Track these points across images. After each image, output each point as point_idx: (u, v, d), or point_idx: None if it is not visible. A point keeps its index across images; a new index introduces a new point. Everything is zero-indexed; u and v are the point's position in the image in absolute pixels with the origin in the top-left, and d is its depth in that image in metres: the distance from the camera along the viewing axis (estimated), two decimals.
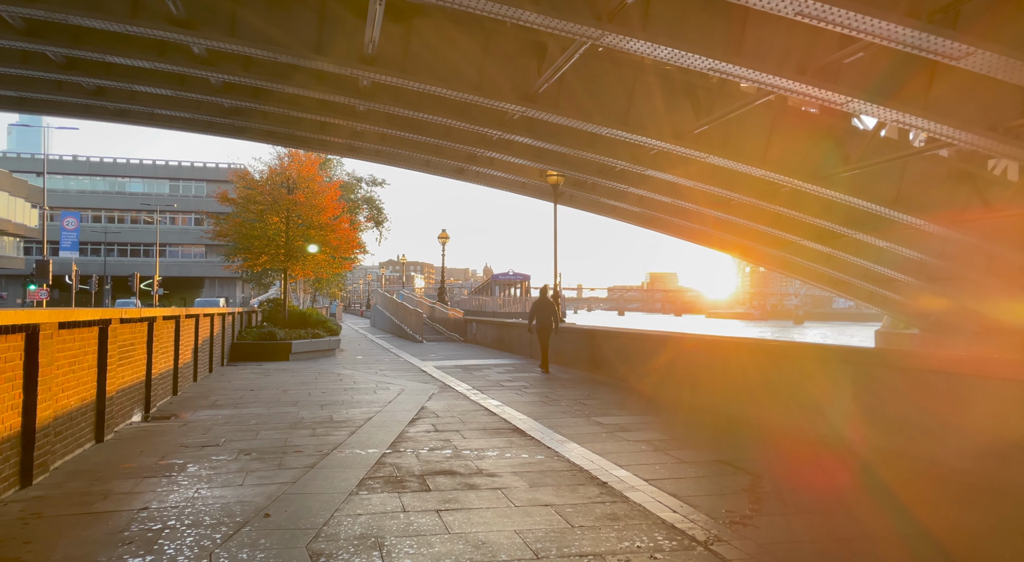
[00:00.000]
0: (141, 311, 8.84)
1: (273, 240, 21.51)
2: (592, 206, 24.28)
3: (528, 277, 62.37)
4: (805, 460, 6.82)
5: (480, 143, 17.88)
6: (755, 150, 14.49)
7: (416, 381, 13.39)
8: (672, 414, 9.57)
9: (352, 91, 14.67)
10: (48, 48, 12.94)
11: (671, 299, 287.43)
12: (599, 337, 14.49)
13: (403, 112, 15.33)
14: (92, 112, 18.40)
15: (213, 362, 14.92)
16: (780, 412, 8.47)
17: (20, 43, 12.56)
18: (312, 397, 10.97)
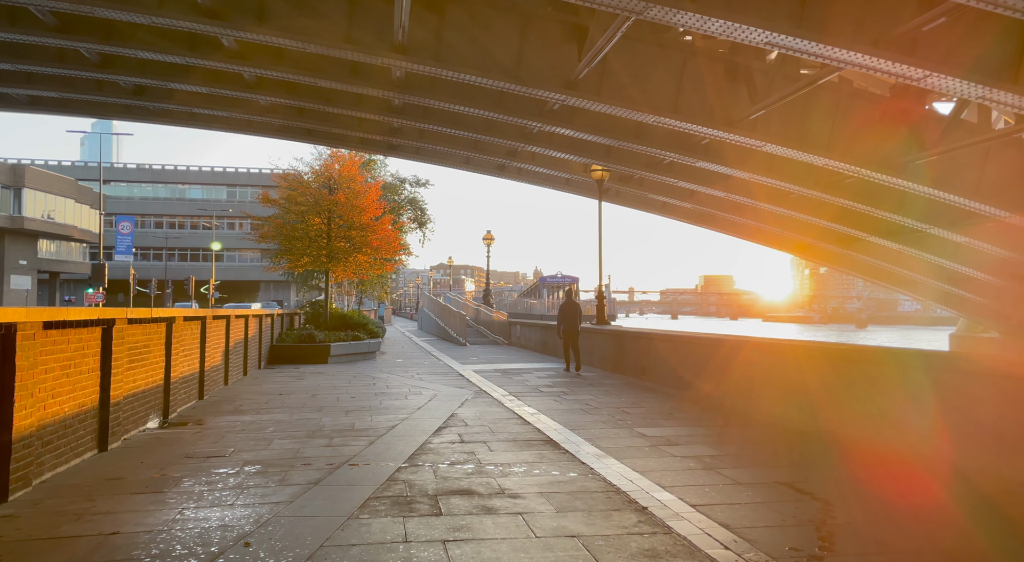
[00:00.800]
0: (152, 311, 8.43)
1: (315, 241, 21.27)
2: (640, 203, 23.25)
3: (576, 279, 61.39)
4: (881, 483, 5.86)
5: (520, 137, 17.16)
6: (818, 137, 13.33)
7: (451, 386, 12.75)
8: (725, 425, 8.65)
9: (385, 83, 14.18)
10: (81, 44, 12.84)
11: (726, 302, 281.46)
12: (646, 340, 13.60)
13: (438, 104, 14.75)
14: (133, 112, 18.47)
15: (248, 365, 14.61)
16: (848, 424, 7.49)
17: (53, 40, 12.49)
18: (340, 402, 10.44)
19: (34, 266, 64.59)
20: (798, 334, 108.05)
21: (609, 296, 56.59)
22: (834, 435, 7.49)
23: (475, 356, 20.62)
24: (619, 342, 14.95)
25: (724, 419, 9.02)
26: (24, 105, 17.82)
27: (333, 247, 21.15)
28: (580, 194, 23.70)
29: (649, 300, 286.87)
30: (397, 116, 16.84)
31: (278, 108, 17.84)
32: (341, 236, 21.48)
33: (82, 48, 13.32)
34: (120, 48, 13.05)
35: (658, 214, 24.03)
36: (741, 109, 13.17)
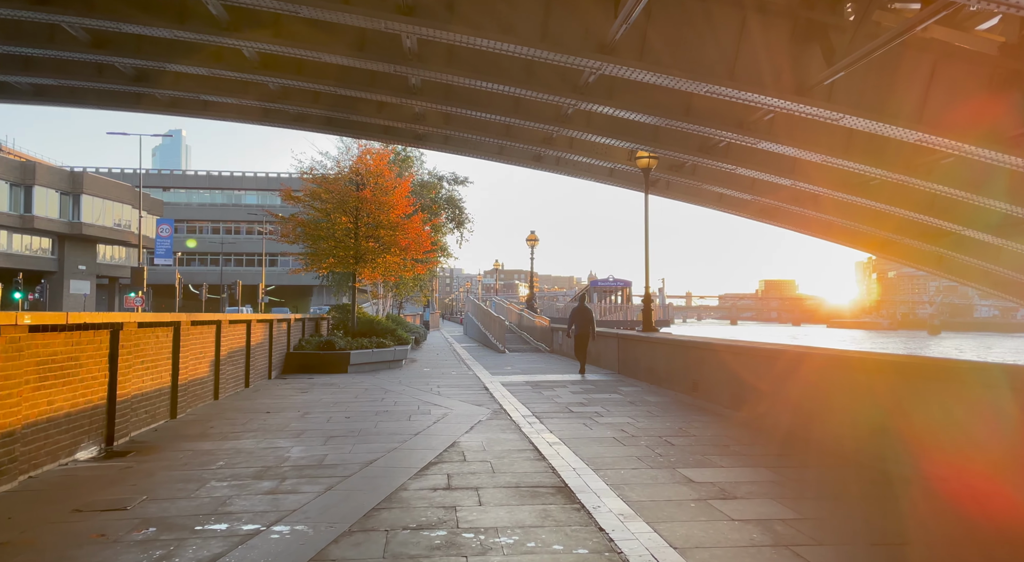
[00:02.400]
0: (95, 316, 6.98)
1: (341, 241, 19.94)
2: (693, 195, 21.03)
3: (629, 283, 59.00)
4: None
5: (554, 119, 15.36)
6: (906, 106, 11.05)
7: (468, 402, 11.04)
8: (798, 464, 6.67)
9: (397, 56, 12.63)
10: (63, 18, 11.71)
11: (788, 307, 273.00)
12: (698, 351, 11.60)
13: (459, 81, 13.13)
14: (144, 102, 17.51)
15: (252, 375, 13.24)
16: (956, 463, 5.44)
17: (31, 14, 11.37)
18: (328, 424, 8.86)
19: (93, 271, 66.07)
20: (866, 341, 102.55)
21: (663, 301, 54.06)
22: (945, 478, 5.45)
23: (509, 365, 18.88)
24: (667, 353, 12.98)
25: (794, 452, 7.03)
26: (30, 96, 17.06)
27: (361, 247, 19.78)
28: (626, 186, 21.60)
29: (707, 305, 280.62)
30: (416, 97, 15.29)
31: (291, 92, 16.52)
32: (369, 235, 20.11)
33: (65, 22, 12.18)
34: (104, 20, 11.88)
35: (714, 208, 21.74)
36: (813, 73, 11.02)
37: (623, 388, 12.98)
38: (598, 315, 52.80)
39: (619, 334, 16.29)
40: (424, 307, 49.70)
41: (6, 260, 55.87)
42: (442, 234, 28.79)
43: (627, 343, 15.49)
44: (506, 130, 17.48)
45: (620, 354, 15.98)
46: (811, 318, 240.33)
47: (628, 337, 15.41)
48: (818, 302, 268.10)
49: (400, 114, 17.58)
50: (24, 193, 57.00)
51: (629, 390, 12.63)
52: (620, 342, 16.04)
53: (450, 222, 28.48)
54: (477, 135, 18.08)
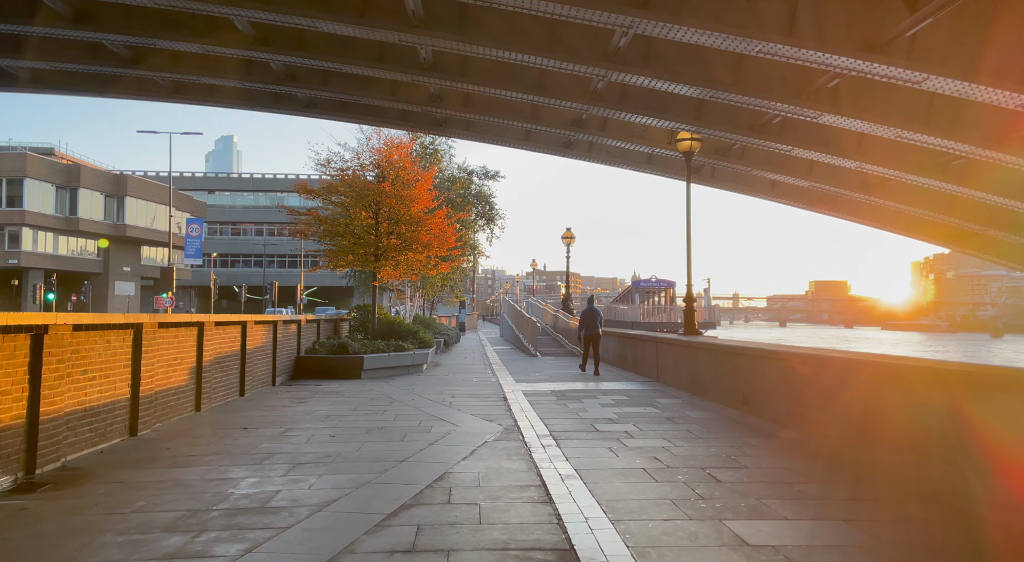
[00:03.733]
0: (10, 316, 5.75)
1: (361, 238, 18.73)
2: (741, 182, 19.03)
3: (673, 284, 56.83)
4: None
5: (584, 96, 13.76)
6: (1008, 63, 9.06)
7: (480, 417, 9.58)
8: (890, 514, 5.01)
9: (402, 23, 11.25)
10: None
11: (840, 309, 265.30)
12: (748, 359, 9.91)
13: (473, 50, 11.70)
14: (147, 89, 16.58)
15: (249, 383, 12.03)
16: None
17: None
18: (308, 445, 7.51)
19: (137, 273, 66.90)
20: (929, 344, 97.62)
21: (708, 302, 51.79)
22: None
23: (538, 371, 17.36)
24: (712, 360, 11.30)
25: (882, 496, 5.35)
26: (28, 83, 16.31)
27: (381, 244, 18.54)
28: (666, 174, 19.76)
29: (755, 307, 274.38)
30: (430, 74, 13.88)
31: (297, 72, 15.27)
32: (390, 231, 18.85)
33: None
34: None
35: (765, 197, 19.72)
36: (889, 24, 9.15)
37: (660, 400, 11.35)
38: (640, 317, 50.83)
39: (657, 338, 14.64)
40: (459, 308, 48.48)
41: (53, 262, 56.79)
42: (472, 231, 27.42)
43: (666, 348, 13.84)
44: (532, 112, 15.91)
45: (658, 360, 14.34)
46: (864, 320, 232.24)
47: (667, 341, 13.75)
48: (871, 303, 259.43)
49: (415, 95, 16.20)
50: (70, 196, 57.88)
51: (667, 403, 11.00)
52: (658, 347, 14.39)
53: (480, 218, 27.11)
54: (501, 118, 16.52)
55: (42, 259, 55.60)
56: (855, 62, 9.68)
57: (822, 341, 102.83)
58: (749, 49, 10.07)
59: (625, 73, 11.85)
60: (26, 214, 53.49)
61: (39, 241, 55.82)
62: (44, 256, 56.03)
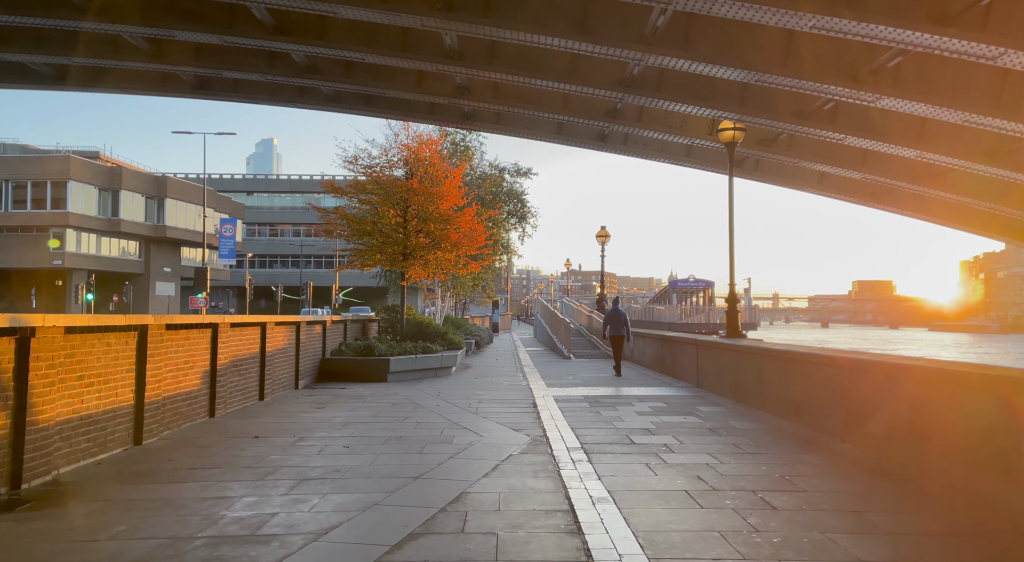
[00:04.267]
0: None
1: (389, 237, 18.26)
2: (787, 175, 17.88)
3: (712, 283, 55.39)
4: None
5: (619, 83, 12.96)
6: None
7: (506, 425, 8.94)
8: (988, 556, 4.21)
9: (425, 4, 10.65)
10: None
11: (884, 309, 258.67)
12: (798, 365, 9.07)
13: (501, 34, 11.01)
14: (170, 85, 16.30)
15: (270, 386, 11.59)
16: None
17: None
18: (319, 457, 6.96)
19: (177, 273, 67.91)
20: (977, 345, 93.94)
21: (749, 303, 50.35)
22: None
23: (571, 374, 16.65)
24: (759, 365, 10.47)
25: (969, 531, 4.55)
26: (52, 80, 16.21)
27: (410, 243, 18.04)
28: (707, 167, 18.77)
29: (795, 307, 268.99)
30: (456, 63, 13.26)
31: (320, 64, 14.78)
32: (419, 230, 18.35)
33: None
34: None
35: (812, 191, 18.57)
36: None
37: (702, 408, 10.56)
38: (678, 318, 49.64)
39: (697, 340, 13.82)
40: (492, 309, 47.94)
41: (96, 263, 57.93)
42: (504, 230, 26.80)
43: (707, 351, 13.02)
44: (563, 102, 15.17)
45: (699, 364, 13.51)
46: (910, 320, 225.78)
47: (709, 344, 12.93)
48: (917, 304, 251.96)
49: (441, 87, 15.61)
50: (112, 197, 58.98)
51: (709, 411, 10.21)
52: (699, 350, 13.57)
53: (512, 217, 26.45)
54: (531, 110, 15.80)
55: (85, 260, 56.74)
56: (922, 36, 8.70)
57: (866, 342, 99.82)
58: (801, 24, 9.17)
59: (663, 55, 11.02)
60: (70, 216, 54.61)
61: (83, 242, 56.97)
62: (87, 257, 57.17)
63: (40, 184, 54.94)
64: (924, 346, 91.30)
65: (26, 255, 54.95)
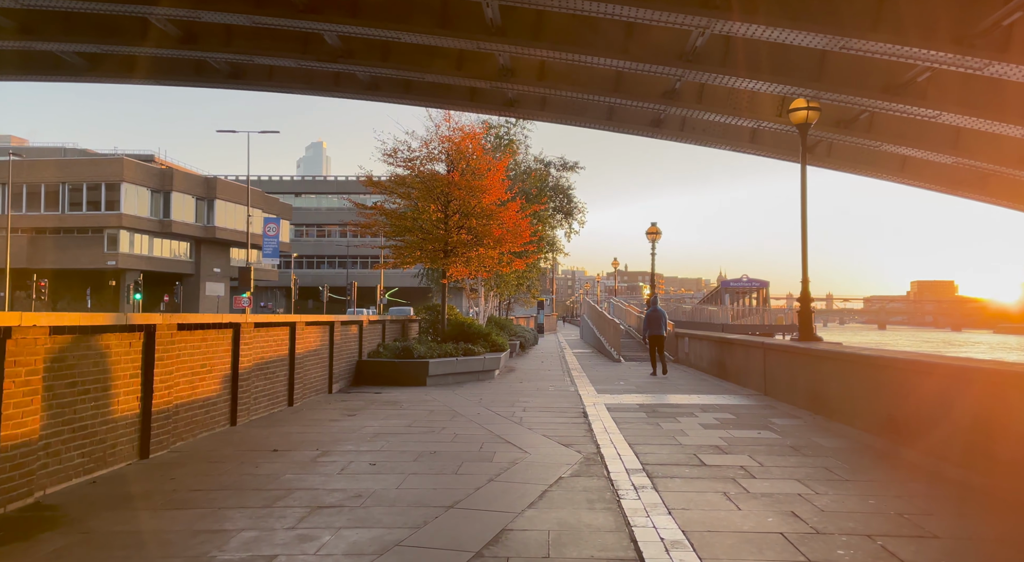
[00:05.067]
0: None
1: (430, 234, 17.43)
2: (864, 161, 16.12)
3: (766, 284, 53.31)
4: None
5: (678, 58, 11.72)
6: None
7: (555, 439, 7.92)
8: None
9: None
10: None
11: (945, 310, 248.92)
12: (896, 373, 7.79)
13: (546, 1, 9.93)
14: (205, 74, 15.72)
15: (300, 390, 10.83)
16: None
17: None
18: (340, 477, 6.07)
19: (227, 273, 68.83)
20: None
21: None
22: None
23: (623, 379, 15.52)
24: (843, 372, 9.20)
25: None
26: (84, 72, 15.86)
27: (451, 240, 17.17)
28: (772, 154, 17.26)
29: (850, 308, 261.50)
30: (498, 40, 12.24)
31: (354, 47, 13.96)
32: (460, 225, 17.47)
33: None
34: None
35: (892, 179, 16.88)
36: None
37: (776, 420, 9.35)
38: (730, 319, 47.77)
39: (765, 343, 12.56)
40: (538, 309, 46.90)
41: (148, 263, 59.04)
42: (549, 227, 25.74)
43: (777, 356, 11.75)
44: (616, 82, 13.98)
45: (767, 369, 12.25)
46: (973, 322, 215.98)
47: (779, 348, 11.66)
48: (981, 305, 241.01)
49: (483, 69, 14.62)
50: (164, 199, 60.03)
51: (785, 424, 9.00)
52: (767, 354, 12.30)
53: (558, 213, 25.38)
54: (580, 92, 14.61)
55: (138, 261, 57.85)
56: None
57: (927, 344, 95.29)
58: None
59: (730, 20, 9.74)
60: (123, 217, 55.69)
61: (135, 243, 58.09)
62: (140, 257, 58.29)
63: (95, 186, 56.21)
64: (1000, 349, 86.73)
65: (82, 256, 56.28)
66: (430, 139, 17.78)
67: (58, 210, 56.66)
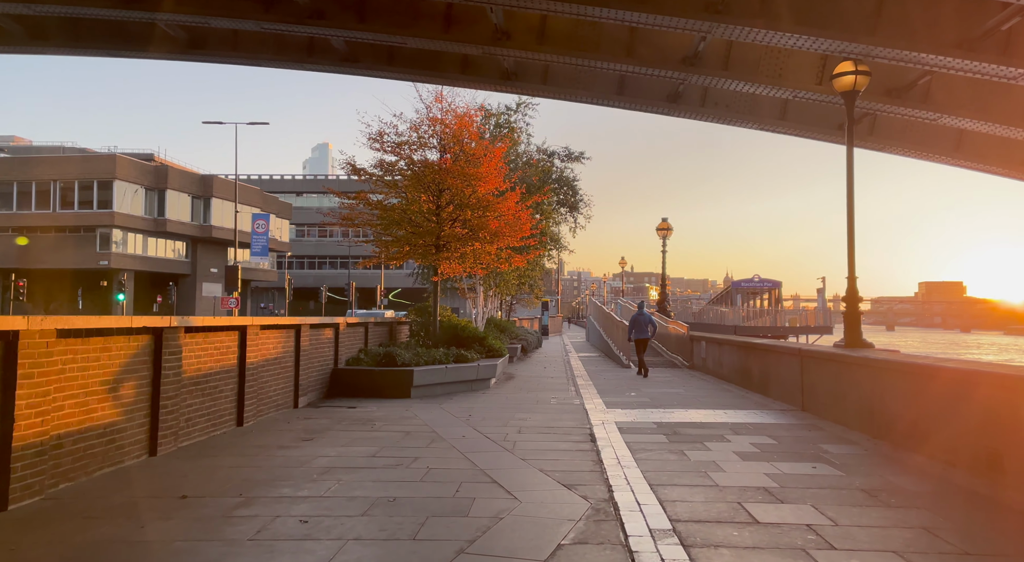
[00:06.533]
0: None
1: (419, 227, 15.74)
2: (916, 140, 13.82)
3: (779, 284, 51.39)
4: None
5: (704, 10, 9.82)
6: None
7: (554, 478, 6.16)
8: None
9: None
10: None
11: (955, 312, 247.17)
12: (995, 391, 6.02)
13: None
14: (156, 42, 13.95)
15: (256, 407, 9.11)
16: None
17: None
18: (255, 543, 4.34)
19: (224, 274, 67.29)
20: None
21: (823, 304, 46.27)
22: None
23: (634, 390, 13.75)
24: (912, 389, 7.41)
25: None
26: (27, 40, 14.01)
27: (443, 233, 15.47)
28: (805, 133, 15.22)
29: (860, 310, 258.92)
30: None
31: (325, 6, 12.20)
32: (454, 218, 15.77)
33: None
34: None
35: (945, 160, 14.81)
36: None
37: (828, 446, 7.59)
38: (742, 320, 45.88)
39: (802, 350, 10.79)
40: (542, 310, 45.12)
41: (142, 263, 57.46)
42: (553, 222, 23.97)
43: (819, 365, 9.97)
44: (628, 45, 12.01)
45: (804, 381, 10.47)
46: (982, 324, 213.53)
47: (823, 357, 9.88)
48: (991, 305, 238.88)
49: (475, 33, 12.77)
50: (158, 197, 58.46)
51: (843, 453, 7.22)
52: (804, 362, 10.53)
53: (562, 206, 23.60)
54: (587, 58, 12.63)
55: (131, 260, 56.30)
56: None
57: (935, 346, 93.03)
58: None
59: None
60: (116, 215, 54.17)
61: (128, 242, 56.55)
62: (134, 257, 56.73)
63: (87, 184, 54.68)
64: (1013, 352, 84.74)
65: (74, 255, 54.76)
66: (420, 122, 16.09)
67: (49, 209, 55.17)
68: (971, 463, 6.14)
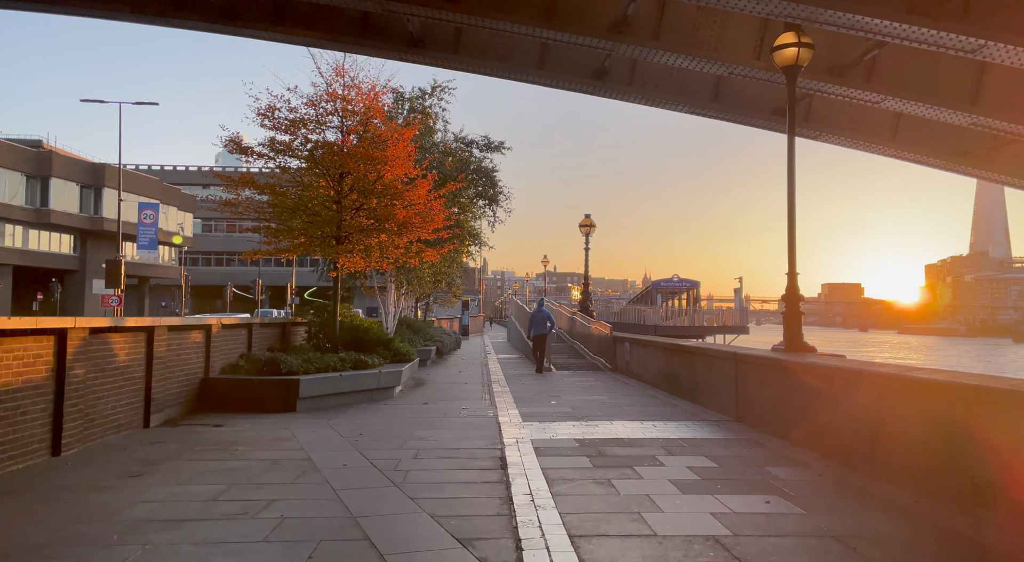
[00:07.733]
0: None
1: (318, 215, 13.97)
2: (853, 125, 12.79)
3: (697, 284, 51.77)
4: None
5: None
6: None
7: (447, 528, 4.69)
8: None
9: None
10: None
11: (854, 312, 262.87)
12: (988, 408, 4.99)
13: None
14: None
15: (79, 431, 7.23)
16: None
17: None
18: None
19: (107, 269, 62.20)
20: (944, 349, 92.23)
21: (740, 303, 46.79)
22: None
23: (555, 397, 12.46)
24: (874, 404, 6.37)
25: None
26: None
27: (345, 223, 13.75)
28: (738, 118, 14.28)
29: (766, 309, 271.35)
30: None
31: None
32: (359, 206, 14.08)
33: None
34: None
35: (881, 150, 14.07)
36: None
37: (775, 470, 6.46)
38: (660, 320, 45.83)
39: (737, 354, 9.75)
40: (462, 309, 43.59)
41: (21, 257, 52.24)
42: (472, 216, 22.51)
43: (757, 372, 8.92)
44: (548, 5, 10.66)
45: (739, 388, 9.43)
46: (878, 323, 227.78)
47: (762, 363, 8.83)
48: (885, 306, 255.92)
49: None
50: (40, 185, 53.34)
51: (796, 481, 6.09)
52: (739, 368, 9.49)
53: (481, 199, 22.17)
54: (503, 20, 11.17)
55: (8, 254, 51.10)
56: None
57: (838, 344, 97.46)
58: None
59: None
60: None
61: (6, 235, 51.30)
62: (11, 251, 51.52)
63: None
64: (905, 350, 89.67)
65: None
66: (318, 98, 14.29)
67: None
68: (955, 497, 5.08)
